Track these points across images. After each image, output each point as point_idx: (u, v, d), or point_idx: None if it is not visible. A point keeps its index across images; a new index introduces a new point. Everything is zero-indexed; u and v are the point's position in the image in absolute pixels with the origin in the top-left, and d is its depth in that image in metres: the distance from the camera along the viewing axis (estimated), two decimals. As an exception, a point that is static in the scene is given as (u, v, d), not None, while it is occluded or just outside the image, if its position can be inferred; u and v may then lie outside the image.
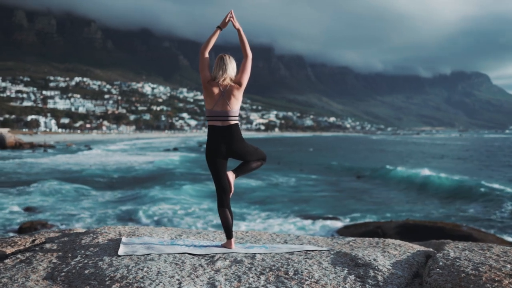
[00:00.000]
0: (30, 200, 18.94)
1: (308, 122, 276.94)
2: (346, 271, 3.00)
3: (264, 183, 26.37)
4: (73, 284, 2.86)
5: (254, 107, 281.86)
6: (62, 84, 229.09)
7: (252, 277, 2.90)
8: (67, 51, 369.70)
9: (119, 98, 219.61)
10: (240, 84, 3.57)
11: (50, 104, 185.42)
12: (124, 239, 3.74)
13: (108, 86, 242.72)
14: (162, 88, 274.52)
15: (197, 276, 2.91)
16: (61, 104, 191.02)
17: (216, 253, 3.38)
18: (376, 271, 2.98)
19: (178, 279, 2.84)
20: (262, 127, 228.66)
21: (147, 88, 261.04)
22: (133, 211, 16.71)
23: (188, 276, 2.91)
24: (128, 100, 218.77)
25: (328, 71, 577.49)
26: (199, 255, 3.35)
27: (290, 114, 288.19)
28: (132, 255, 3.31)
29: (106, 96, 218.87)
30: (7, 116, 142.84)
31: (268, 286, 2.77)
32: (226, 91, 3.53)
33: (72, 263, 3.19)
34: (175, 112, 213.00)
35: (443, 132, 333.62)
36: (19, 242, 3.80)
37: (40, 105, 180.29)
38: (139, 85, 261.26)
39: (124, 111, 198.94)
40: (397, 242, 3.84)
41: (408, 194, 23.61)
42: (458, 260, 3.02)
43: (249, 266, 3.09)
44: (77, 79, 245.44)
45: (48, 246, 3.63)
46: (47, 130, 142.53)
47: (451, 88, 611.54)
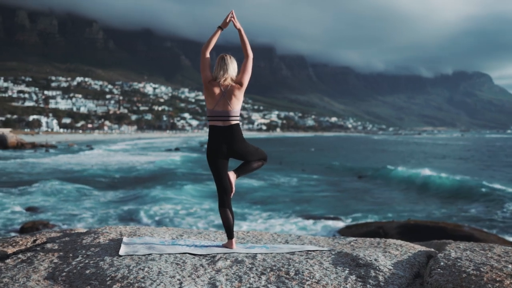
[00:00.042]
0: (32, 200, 18.97)
1: (310, 122, 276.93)
2: (347, 271, 2.99)
3: (265, 183, 26.37)
4: (74, 284, 2.86)
5: (256, 107, 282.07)
6: (64, 84, 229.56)
7: (253, 277, 2.90)
8: (69, 51, 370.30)
9: (121, 98, 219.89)
10: (241, 84, 3.57)
11: (52, 104, 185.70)
12: (125, 239, 3.74)
13: (109, 86, 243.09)
14: (163, 88, 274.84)
15: (198, 276, 2.91)
16: (62, 104, 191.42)
17: (217, 253, 3.38)
18: (377, 271, 2.98)
19: (179, 279, 2.84)
20: (264, 127, 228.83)
21: (149, 88, 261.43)
22: (134, 211, 16.72)
23: (189, 276, 2.91)
24: (130, 100, 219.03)
25: (329, 71, 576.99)
26: (200, 255, 3.35)
27: (291, 114, 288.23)
28: (133, 255, 3.31)
29: (108, 96, 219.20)
30: (9, 116, 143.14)
31: (269, 286, 2.77)
32: (227, 91, 3.53)
33: (73, 263, 3.19)
34: (177, 112, 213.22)
35: (445, 132, 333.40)
36: (20, 242, 3.80)
37: (42, 105, 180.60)
38: (141, 85, 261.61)
39: (125, 111, 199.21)
40: (398, 242, 3.83)
41: (410, 194, 23.60)
42: (459, 260, 3.01)
43: (250, 266, 3.09)
44: (78, 79, 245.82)
45: (49, 246, 3.63)
46: (49, 130, 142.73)
47: (453, 88, 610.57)
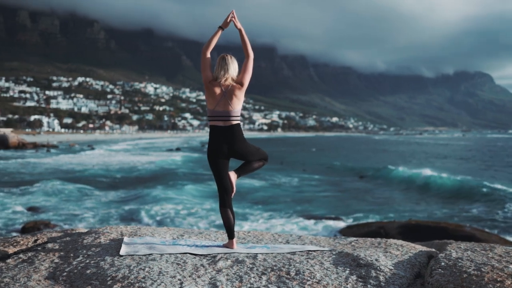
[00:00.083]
0: (33, 200, 18.98)
1: (311, 122, 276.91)
2: (347, 272, 2.99)
3: (267, 183, 26.36)
4: (74, 284, 2.87)
5: (257, 107, 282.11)
6: (65, 84, 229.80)
7: (253, 277, 2.90)
8: (70, 51, 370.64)
9: (122, 98, 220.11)
10: (241, 84, 3.56)
11: (53, 104, 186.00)
12: (126, 239, 3.74)
13: (111, 86, 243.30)
14: (164, 88, 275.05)
15: (198, 276, 2.91)
16: (64, 104, 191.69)
17: (218, 253, 3.38)
18: (378, 272, 2.98)
19: (179, 279, 2.84)
20: (265, 127, 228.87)
21: (150, 88, 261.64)
22: (135, 211, 16.73)
23: (189, 276, 2.91)
24: (131, 100, 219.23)
25: (330, 71, 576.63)
26: (201, 255, 3.35)
27: (292, 114, 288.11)
28: (133, 255, 3.31)
29: (109, 96, 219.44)
30: (10, 116, 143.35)
31: (269, 286, 2.77)
32: (227, 91, 3.53)
33: (74, 263, 3.19)
34: (178, 112, 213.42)
35: (446, 132, 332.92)
36: (21, 242, 3.80)
37: (43, 105, 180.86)
38: (142, 85, 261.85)
39: (127, 111, 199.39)
40: (399, 242, 3.83)
41: (411, 194, 23.58)
42: (460, 260, 3.01)
43: (250, 266, 3.09)
44: (80, 79, 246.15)
45: (50, 246, 3.63)
46: (50, 130, 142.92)
47: (454, 88, 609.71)
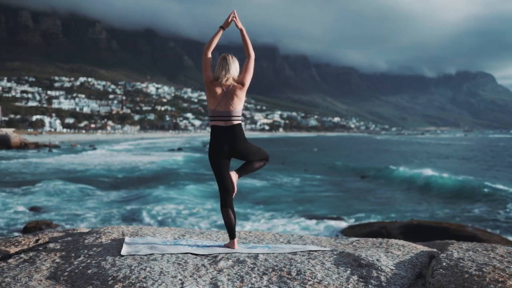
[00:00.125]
0: (35, 200, 19.01)
1: (313, 122, 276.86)
2: (349, 272, 2.99)
3: (268, 183, 26.36)
4: (76, 283, 2.87)
5: (259, 107, 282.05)
6: (67, 84, 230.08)
7: (254, 277, 2.90)
8: (72, 51, 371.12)
9: (124, 98, 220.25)
10: (243, 84, 3.56)
11: (55, 104, 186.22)
12: (127, 239, 3.74)
13: (112, 86, 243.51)
14: (166, 88, 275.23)
15: (199, 276, 2.91)
16: (66, 104, 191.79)
17: (219, 253, 3.38)
18: (379, 272, 2.97)
19: (180, 279, 2.84)
20: (267, 127, 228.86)
21: (152, 88, 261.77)
22: (137, 211, 16.73)
23: (190, 276, 2.91)
24: (133, 100, 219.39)
25: (332, 71, 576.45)
26: (202, 255, 3.35)
27: (294, 114, 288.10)
28: (135, 255, 3.31)
29: (111, 96, 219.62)
30: (12, 116, 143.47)
31: (270, 286, 2.77)
32: (229, 91, 3.53)
33: (75, 263, 3.19)
34: (180, 112, 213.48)
35: (448, 132, 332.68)
36: (23, 242, 3.81)
37: (45, 105, 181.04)
38: (144, 85, 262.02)
39: (128, 111, 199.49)
40: (400, 242, 3.83)
41: (412, 194, 23.54)
42: (461, 260, 3.00)
43: (251, 266, 3.09)
44: (82, 79, 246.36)
45: (51, 245, 3.63)
46: (52, 130, 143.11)
47: (456, 88, 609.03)
